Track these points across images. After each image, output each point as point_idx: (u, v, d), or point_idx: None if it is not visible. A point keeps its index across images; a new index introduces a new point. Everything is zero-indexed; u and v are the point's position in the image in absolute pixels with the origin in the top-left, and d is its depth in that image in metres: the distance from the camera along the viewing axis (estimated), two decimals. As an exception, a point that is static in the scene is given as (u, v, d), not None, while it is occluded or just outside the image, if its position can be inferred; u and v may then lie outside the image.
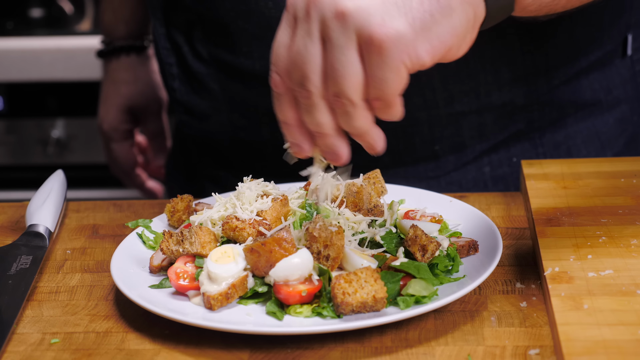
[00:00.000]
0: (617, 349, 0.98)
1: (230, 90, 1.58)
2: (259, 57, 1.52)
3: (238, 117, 1.59)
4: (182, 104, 1.65)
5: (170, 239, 1.20)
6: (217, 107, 1.60)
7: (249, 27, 1.50)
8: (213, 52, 1.57)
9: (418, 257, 1.17)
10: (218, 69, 1.58)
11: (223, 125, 1.61)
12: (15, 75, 2.69)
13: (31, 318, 1.17)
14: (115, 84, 1.88)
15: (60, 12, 2.99)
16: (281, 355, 1.07)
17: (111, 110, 1.88)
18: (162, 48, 1.64)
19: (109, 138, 1.91)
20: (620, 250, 1.19)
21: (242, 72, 1.55)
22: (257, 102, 1.56)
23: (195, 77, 1.61)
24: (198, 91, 1.61)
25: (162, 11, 1.62)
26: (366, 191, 1.26)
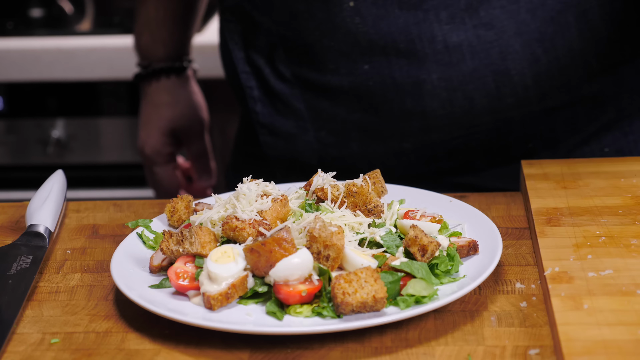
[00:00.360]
0: (617, 349, 0.98)
1: (317, 108, 1.58)
2: (346, 73, 1.52)
3: (325, 135, 1.60)
4: (265, 126, 1.65)
5: (170, 239, 1.20)
6: (303, 126, 1.60)
7: (334, 44, 1.50)
8: (296, 72, 1.57)
9: (418, 257, 1.17)
10: (303, 88, 1.58)
11: (310, 144, 1.61)
12: (15, 75, 2.69)
13: (31, 318, 1.17)
14: (156, 106, 1.86)
15: (60, 12, 2.99)
16: (281, 355, 1.07)
17: (153, 134, 1.86)
18: (241, 72, 1.64)
19: (152, 162, 1.88)
20: (620, 250, 1.19)
21: (330, 89, 1.55)
22: (345, 117, 1.57)
23: (278, 98, 1.61)
24: (282, 112, 1.62)
25: (241, 35, 1.62)
26: (367, 190, 1.26)
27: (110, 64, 2.63)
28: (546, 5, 1.47)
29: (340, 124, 1.57)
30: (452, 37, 1.47)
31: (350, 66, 1.52)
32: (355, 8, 1.46)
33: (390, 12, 1.46)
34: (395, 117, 1.53)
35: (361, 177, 1.30)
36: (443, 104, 1.50)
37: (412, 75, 1.49)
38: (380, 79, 1.51)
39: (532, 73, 1.50)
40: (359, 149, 1.58)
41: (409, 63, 1.49)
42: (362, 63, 1.50)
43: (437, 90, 1.49)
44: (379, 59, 1.49)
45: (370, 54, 1.49)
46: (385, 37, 1.47)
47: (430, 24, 1.46)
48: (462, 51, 1.47)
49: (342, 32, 1.49)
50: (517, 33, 1.47)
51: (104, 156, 2.76)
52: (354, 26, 1.47)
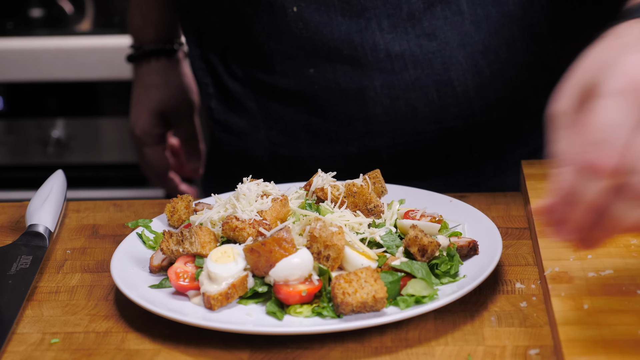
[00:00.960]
0: (617, 349, 0.98)
1: (267, 108, 1.59)
2: (293, 76, 1.53)
3: (276, 134, 1.60)
4: (220, 123, 1.66)
5: (170, 239, 1.20)
6: (255, 125, 1.61)
7: (281, 47, 1.51)
8: (248, 72, 1.58)
9: (418, 257, 1.17)
10: (254, 87, 1.59)
11: (261, 143, 1.62)
12: (15, 75, 2.69)
13: (31, 318, 1.17)
14: (146, 88, 1.86)
15: (60, 12, 2.99)
16: (281, 355, 1.07)
17: (143, 115, 1.86)
18: (197, 69, 1.65)
19: (142, 142, 1.89)
20: (620, 250, 1.19)
21: (278, 91, 1.56)
22: (293, 118, 1.57)
23: (231, 96, 1.62)
24: (235, 110, 1.63)
25: (197, 33, 1.63)
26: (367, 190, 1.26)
27: (110, 64, 2.63)
28: (491, 18, 1.46)
29: (289, 125, 1.58)
30: (395, 46, 1.46)
31: (296, 69, 1.52)
32: (298, 13, 1.46)
33: (332, 19, 1.46)
34: (340, 121, 1.54)
35: (361, 177, 1.30)
36: (386, 111, 1.50)
37: (355, 81, 1.49)
38: (325, 83, 1.51)
39: (476, 85, 1.49)
40: (307, 150, 1.59)
41: (352, 69, 1.49)
42: (308, 67, 1.51)
43: (380, 97, 1.49)
44: (323, 63, 1.50)
45: (315, 59, 1.50)
46: (328, 43, 1.47)
47: (373, 32, 1.46)
48: (405, 60, 1.47)
49: (287, 36, 1.49)
50: (461, 45, 1.47)
51: (104, 156, 2.76)
52: (298, 31, 1.48)
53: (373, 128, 1.53)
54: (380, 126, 1.52)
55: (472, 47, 1.47)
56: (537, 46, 1.50)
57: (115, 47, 2.63)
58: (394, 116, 1.51)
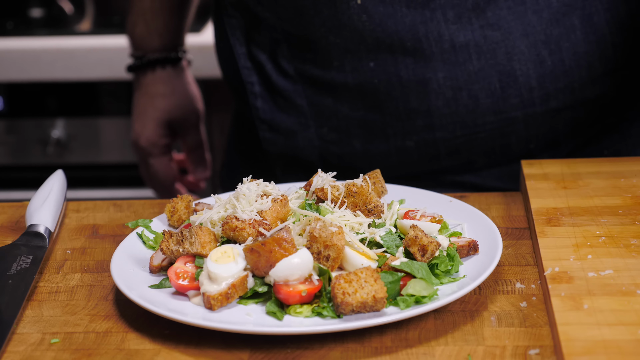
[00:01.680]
0: (617, 349, 0.98)
1: (319, 105, 1.58)
2: (351, 70, 1.53)
3: (327, 132, 1.60)
4: (265, 122, 1.64)
5: (170, 239, 1.20)
6: (305, 123, 1.61)
7: (340, 41, 1.51)
8: (300, 68, 1.57)
9: (418, 257, 1.17)
10: (305, 84, 1.58)
11: (311, 141, 1.61)
12: (15, 75, 2.69)
13: (31, 318, 1.17)
14: (151, 97, 1.85)
15: (60, 12, 2.99)
16: (281, 355, 1.07)
17: (148, 125, 1.85)
18: (242, 67, 1.63)
19: (148, 153, 1.87)
20: (620, 250, 1.19)
21: (333, 86, 1.55)
22: (348, 114, 1.57)
23: (280, 94, 1.61)
24: (283, 108, 1.62)
25: (243, 31, 1.61)
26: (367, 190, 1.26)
27: (110, 64, 2.64)
28: (552, 7, 1.48)
29: (343, 121, 1.58)
30: (459, 37, 1.47)
31: (355, 63, 1.52)
32: (362, 6, 1.46)
33: (397, 10, 1.46)
34: (399, 115, 1.54)
35: (361, 177, 1.30)
36: (448, 103, 1.51)
37: (417, 73, 1.50)
38: (385, 76, 1.51)
39: (537, 74, 1.50)
40: (361, 147, 1.59)
41: (415, 61, 1.49)
42: (368, 60, 1.51)
43: (443, 89, 1.50)
44: (385, 56, 1.50)
45: (376, 52, 1.50)
46: (392, 35, 1.48)
47: (438, 23, 1.46)
48: (469, 51, 1.48)
49: (349, 29, 1.49)
50: (523, 34, 1.48)
51: (104, 156, 2.76)
52: (361, 24, 1.47)
53: (433, 121, 1.53)
54: (441, 119, 1.53)
55: (534, 36, 1.48)
56: (595, 35, 1.51)
57: (115, 47, 2.63)
58: (455, 108, 1.51)
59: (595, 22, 1.50)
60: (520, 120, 1.54)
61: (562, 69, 1.51)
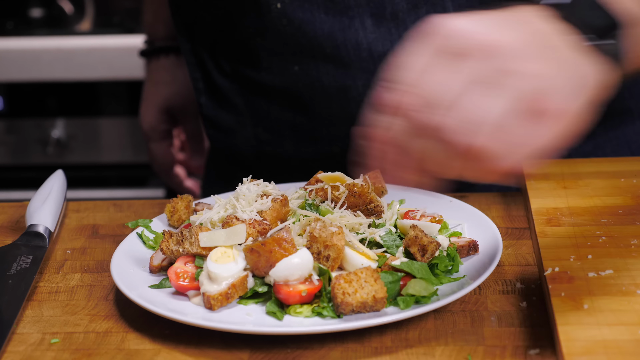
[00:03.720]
0: (617, 349, 0.98)
1: (254, 105, 1.59)
2: (278, 73, 1.53)
3: (262, 131, 1.61)
4: (209, 119, 1.66)
5: (170, 239, 1.20)
6: (242, 122, 1.61)
7: (266, 43, 1.51)
8: (236, 68, 1.58)
9: (418, 257, 1.17)
10: (241, 84, 1.59)
11: (248, 139, 1.62)
12: (15, 75, 2.69)
13: (31, 318, 1.17)
14: (155, 84, 1.89)
15: (60, 12, 2.99)
16: (281, 355, 1.07)
17: (150, 110, 1.89)
18: (188, 63, 1.66)
19: (148, 137, 1.92)
20: (620, 250, 1.19)
21: (264, 87, 1.56)
22: (279, 116, 1.57)
23: (220, 91, 1.62)
24: (223, 106, 1.63)
25: (187, 28, 1.63)
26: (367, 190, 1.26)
27: (110, 64, 2.64)
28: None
29: (275, 122, 1.58)
30: (378, 46, 1.46)
31: (282, 66, 1.52)
32: (282, 10, 1.46)
33: (316, 16, 1.45)
34: (323, 120, 1.54)
35: (361, 177, 1.30)
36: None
37: (338, 80, 1.49)
38: (309, 81, 1.51)
39: None
40: (292, 148, 1.59)
41: (335, 68, 1.48)
42: (292, 64, 1.51)
43: (363, 97, 1.49)
44: (307, 61, 1.50)
45: (299, 56, 1.50)
46: (311, 40, 1.47)
47: (356, 31, 1.45)
48: (388, 60, 1.47)
49: (272, 32, 1.49)
50: None
51: (104, 156, 2.76)
52: (282, 27, 1.48)
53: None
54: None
55: None
56: None
57: (115, 47, 2.63)
58: None
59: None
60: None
61: None
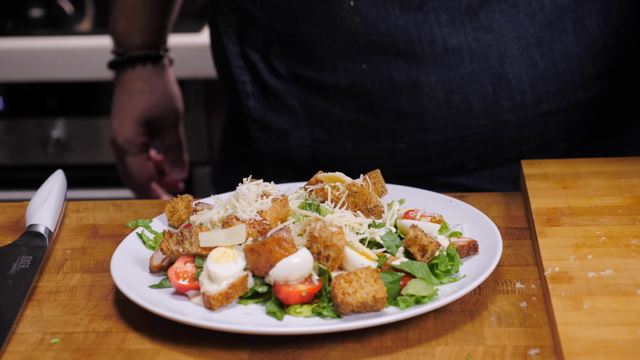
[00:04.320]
0: (617, 349, 0.98)
1: (311, 105, 1.58)
2: (343, 72, 1.53)
3: (319, 132, 1.60)
4: (257, 122, 1.64)
5: (170, 239, 1.20)
6: (297, 123, 1.61)
7: (332, 42, 1.51)
8: (292, 68, 1.57)
9: (418, 257, 1.17)
10: (297, 84, 1.58)
11: (303, 141, 1.61)
12: (15, 75, 2.69)
13: (31, 318, 1.17)
14: (130, 95, 1.83)
15: (60, 12, 2.99)
16: (281, 355, 1.07)
17: (126, 122, 1.83)
18: (235, 67, 1.63)
19: (124, 151, 1.86)
20: (620, 250, 1.19)
21: (325, 87, 1.55)
22: (340, 116, 1.57)
23: (272, 93, 1.61)
24: (275, 108, 1.61)
25: (236, 29, 1.61)
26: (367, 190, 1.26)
27: (110, 64, 2.63)
28: (545, 11, 1.48)
29: (335, 122, 1.58)
30: (452, 40, 1.47)
31: (347, 65, 1.52)
32: (355, 7, 1.46)
33: (390, 12, 1.46)
34: (391, 117, 1.54)
35: (361, 177, 1.30)
36: (440, 106, 1.51)
37: (410, 76, 1.50)
38: (378, 78, 1.51)
39: (529, 77, 1.50)
40: (352, 148, 1.59)
41: (407, 64, 1.49)
42: (360, 62, 1.51)
43: (435, 92, 1.50)
44: (377, 58, 1.50)
45: (368, 54, 1.50)
46: (384, 37, 1.47)
47: (430, 25, 1.46)
48: (461, 54, 1.48)
49: (341, 30, 1.49)
50: (516, 37, 1.48)
51: (104, 156, 2.76)
52: (354, 25, 1.47)
53: (425, 124, 1.53)
54: (433, 121, 1.53)
55: (526, 39, 1.48)
56: (587, 38, 1.51)
57: (115, 47, 2.62)
58: (447, 111, 1.51)
59: (588, 25, 1.50)
60: (512, 123, 1.54)
61: (554, 72, 1.51)
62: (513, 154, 1.58)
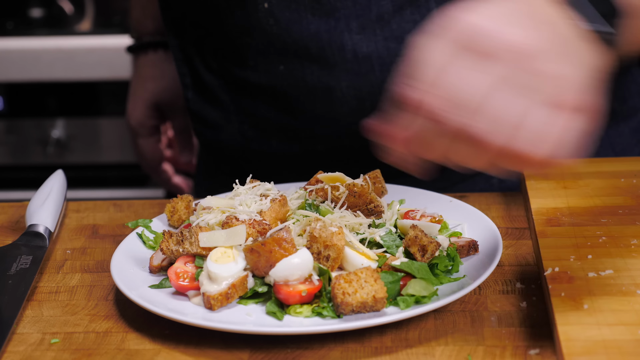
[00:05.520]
0: (617, 349, 0.98)
1: (240, 102, 1.60)
2: (264, 71, 1.53)
3: (248, 128, 1.61)
4: (195, 114, 1.67)
5: (170, 239, 1.20)
6: (228, 118, 1.62)
7: (252, 42, 1.51)
8: (222, 65, 1.59)
9: (418, 257, 1.17)
10: (228, 81, 1.59)
11: (234, 136, 1.63)
12: (15, 75, 2.69)
13: (31, 318, 1.17)
14: (143, 79, 1.89)
15: (60, 12, 2.99)
16: (281, 355, 1.07)
17: (138, 106, 1.89)
18: (175, 59, 1.66)
19: (136, 133, 1.92)
20: (620, 250, 1.19)
21: (250, 85, 1.56)
22: (264, 114, 1.58)
23: (207, 87, 1.62)
24: (210, 101, 1.63)
25: (174, 23, 1.63)
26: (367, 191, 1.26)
27: (110, 64, 2.64)
28: None
29: (261, 120, 1.59)
30: (362, 48, 1.46)
31: (267, 65, 1.52)
32: (269, 10, 1.47)
33: (302, 17, 1.46)
34: (308, 120, 1.54)
35: (361, 177, 1.30)
36: (353, 112, 1.50)
37: (322, 80, 1.50)
38: (294, 81, 1.51)
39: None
40: (277, 147, 1.59)
41: (320, 68, 1.49)
42: (278, 63, 1.51)
43: (347, 97, 1.50)
44: (292, 61, 1.50)
45: (285, 55, 1.50)
46: (297, 41, 1.48)
47: (341, 32, 1.46)
48: (372, 62, 1.47)
49: (258, 31, 1.49)
50: None
51: (104, 156, 2.76)
52: (269, 27, 1.48)
53: (339, 128, 1.53)
54: (348, 127, 1.53)
55: None
56: None
57: (115, 47, 2.63)
58: (360, 117, 1.51)
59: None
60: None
61: None
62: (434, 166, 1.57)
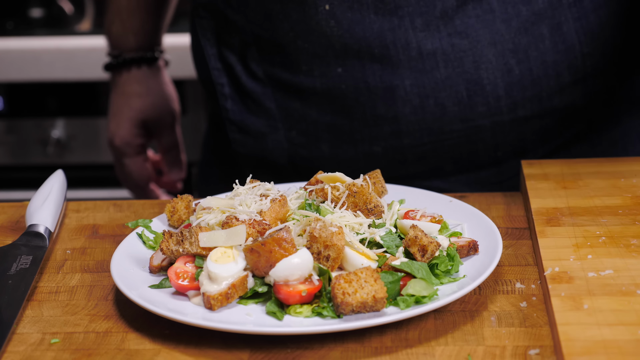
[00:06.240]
0: (617, 349, 0.98)
1: (288, 108, 1.58)
2: (319, 75, 1.52)
3: (296, 135, 1.60)
4: (235, 124, 1.64)
5: (170, 239, 1.20)
6: (274, 125, 1.60)
7: (308, 45, 1.50)
8: (269, 71, 1.57)
9: (418, 257, 1.17)
10: (274, 87, 1.58)
11: (280, 143, 1.61)
12: (15, 75, 2.69)
13: (31, 318, 1.17)
14: (127, 97, 1.84)
15: (60, 12, 2.99)
16: (281, 355, 1.07)
17: (123, 125, 1.84)
18: (213, 69, 1.63)
19: (122, 153, 1.87)
20: (620, 250, 1.19)
21: (302, 90, 1.55)
22: (316, 119, 1.57)
23: (249, 96, 1.61)
24: (253, 110, 1.61)
25: (213, 32, 1.61)
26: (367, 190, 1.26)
27: (110, 64, 2.63)
28: (521, 16, 1.47)
29: (311, 125, 1.58)
30: (427, 45, 1.47)
31: (323, 68, 1.52)
32: (330, 11, 1.46)
33: (365, 16, 1.46)
34: (366, 121, 1.54)
35: (361, 177, 1.30)
36: (415, 110, 1.51)
37: (385, 80, 1.49)
38: (353, 82, 1.51)
39: (505, 83, 1.50)
40: (328, 151, 1.59)
41: (382, 68, 1.49)
42: (336, 66, 1.51)
43: (410, 96, 1.50)
44: (352, 62, 1.49)
45: (344, 57, 1.49)
46: (359, 41, 1.47)
47: (405, 30, 1.46)
48: (436, 59, 1.47)
49: (317, 34, 1.48)
50: (491, 43, 1.47)
51: (104, 156, 2.76)
52: (329, 29, 1.47)
53: (400, 127, 1.53)
54: (408, 125, 1.52)
55: (502, 45, 1.48)
56: (564, 44, 1.50)
57: (115, 47, 2.62)
58: (422, 115, 1.51)
59: (565, 31, 1.49)
60: (487, 128, 1.54)
61: (529, 78, 1.50)
62: (488, 159, 1.58)
